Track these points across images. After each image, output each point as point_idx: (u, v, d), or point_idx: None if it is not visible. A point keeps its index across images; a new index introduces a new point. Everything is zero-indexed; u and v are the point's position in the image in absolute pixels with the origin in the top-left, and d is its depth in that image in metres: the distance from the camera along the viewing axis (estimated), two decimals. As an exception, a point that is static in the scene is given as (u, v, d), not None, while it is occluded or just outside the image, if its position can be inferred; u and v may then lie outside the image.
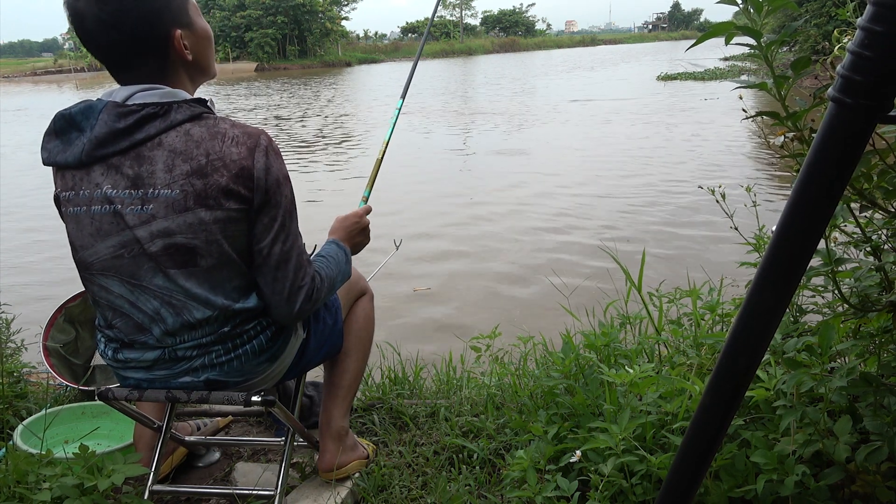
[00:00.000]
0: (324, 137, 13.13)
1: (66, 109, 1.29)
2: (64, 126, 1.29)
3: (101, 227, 1.29)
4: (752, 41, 1.00)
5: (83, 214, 1.30)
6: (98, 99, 1.29)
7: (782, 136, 1.08)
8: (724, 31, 0.96)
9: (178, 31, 1.29)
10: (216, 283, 1.32)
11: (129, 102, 1.26)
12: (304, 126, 14.97)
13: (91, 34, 1.25)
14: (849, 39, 1.10)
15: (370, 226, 1.76)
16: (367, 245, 1.78)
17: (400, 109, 1.99)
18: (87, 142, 1.25)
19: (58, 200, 1.35)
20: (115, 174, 1.26)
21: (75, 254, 1.36)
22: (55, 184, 1.34)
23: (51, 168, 1.35)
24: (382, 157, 1.94)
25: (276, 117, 16.85)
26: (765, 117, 1.11)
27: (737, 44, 1.02)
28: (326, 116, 16.76)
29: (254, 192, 1.27)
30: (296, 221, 1.38)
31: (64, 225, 1.37)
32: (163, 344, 1.35)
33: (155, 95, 1.27)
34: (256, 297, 1.38)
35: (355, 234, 1.71)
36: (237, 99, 22.92)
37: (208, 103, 1.34)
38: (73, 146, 1.27)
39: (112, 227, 1.28)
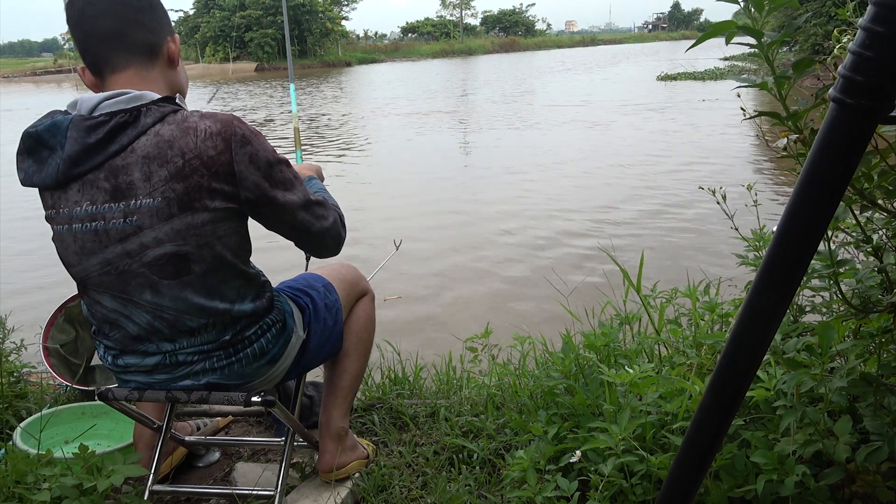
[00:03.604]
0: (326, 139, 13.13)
1: (32, 128, 1.26)
2: (33, 145, 1.26)
3: (84, 246, 1.27)
4: (752, 41, 1.00)
5: (66, 233, 1.28)
6: (64, 112, 1.27)
7: (785, 139, 1.08)
8: (725, 30, 0.96)
9: (177, 37, 1.37)
10: (212, 288, 1.31)
11: (96, 113, 1.23)
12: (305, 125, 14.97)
13: (95, 6, 1.26)
14: (849, 39, 1.10)
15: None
16: (366, 245, 1.82)
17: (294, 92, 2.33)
18: (62, 161, 1.23)
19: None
20: (92, 189, 1.23)
21: (67, 269, 1.35)
22: (42, 203, 1.33)
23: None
24: (297, 125, 2.18)
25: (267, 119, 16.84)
26: (765, 117, 1.10)
27: (737, 43, 1.02)
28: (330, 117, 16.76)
29: (239, 188, 1.25)
30: (301, 184, 1.39)
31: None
32: (162, 350, 1.35)
33: (121, 102, 1.23)
34: (253, 300, 1.38)
35: (320, 176, 1.80)
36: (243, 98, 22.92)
37: (177, 99, 1.30)
38: (47, 166, 1.25)
39: (96, 245, 1.26)
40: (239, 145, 1.24)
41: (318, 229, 1.43)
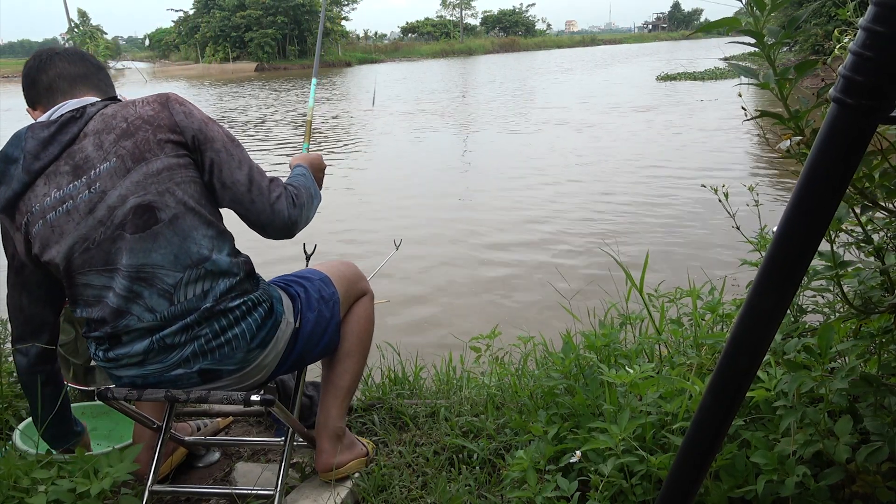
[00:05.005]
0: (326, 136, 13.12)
1: None
2: (2, 169, 1.36)
3: (62, 230, 1.34)
4: (753, 39, 1.00)
5: (44, 228, 1.34)
6: None
7: (788, 140, 1.08)
8: (727, 25, 0.96)
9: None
10: (185, 234, 1.35)
11: (49, 119, 1.37)
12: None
13: (64, 57, 1.48)
14: (849, 39, 1.10)
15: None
16: (366, 246, 1.82)
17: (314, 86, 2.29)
18: (23, 160, 1.34)
19: (12, 236, 1.40)
20: (56, 177, 1.34)
21: (55, 268, 1.39)
22: (18, 224, 1.38)
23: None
24: (311, 119, 2.20)
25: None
26: (766, 117, 1.10)
27: (738, 42, 1.02)
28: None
29: (184, 136, 1.36)
30: (243, 150, 1.47)
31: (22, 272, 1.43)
32: (144, 321, 1.36)
33: (69, 106, 1.39)
34: (230, 255, 1.41)
35: (317, 165, 1.79)
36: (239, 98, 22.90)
37: (118, 97, 1.48)
38: (14, 177, 1.35)
39: (70, 225, 1.33)
40: (176, 104, 1.40)
41: (257, 198, 1.45)
